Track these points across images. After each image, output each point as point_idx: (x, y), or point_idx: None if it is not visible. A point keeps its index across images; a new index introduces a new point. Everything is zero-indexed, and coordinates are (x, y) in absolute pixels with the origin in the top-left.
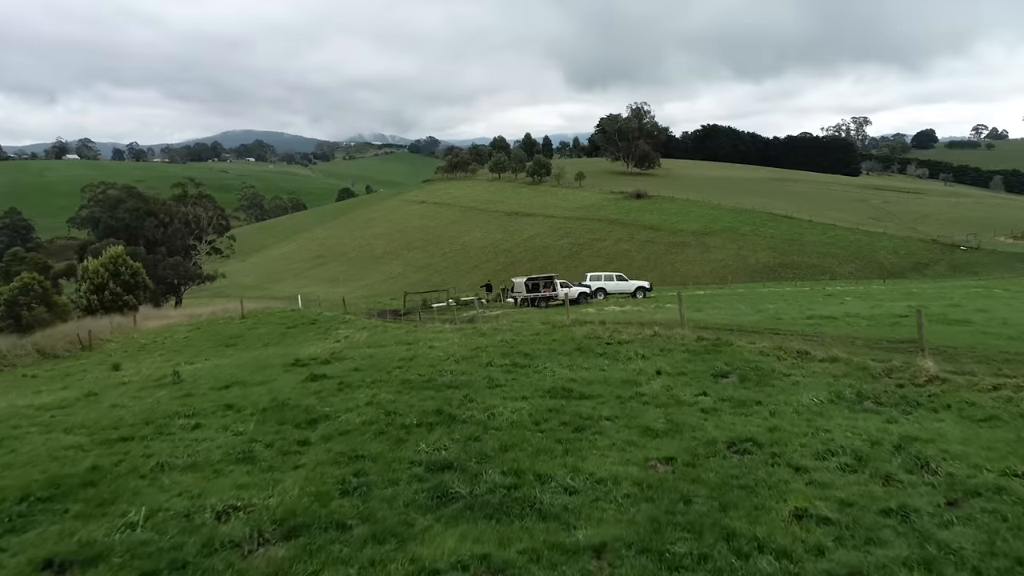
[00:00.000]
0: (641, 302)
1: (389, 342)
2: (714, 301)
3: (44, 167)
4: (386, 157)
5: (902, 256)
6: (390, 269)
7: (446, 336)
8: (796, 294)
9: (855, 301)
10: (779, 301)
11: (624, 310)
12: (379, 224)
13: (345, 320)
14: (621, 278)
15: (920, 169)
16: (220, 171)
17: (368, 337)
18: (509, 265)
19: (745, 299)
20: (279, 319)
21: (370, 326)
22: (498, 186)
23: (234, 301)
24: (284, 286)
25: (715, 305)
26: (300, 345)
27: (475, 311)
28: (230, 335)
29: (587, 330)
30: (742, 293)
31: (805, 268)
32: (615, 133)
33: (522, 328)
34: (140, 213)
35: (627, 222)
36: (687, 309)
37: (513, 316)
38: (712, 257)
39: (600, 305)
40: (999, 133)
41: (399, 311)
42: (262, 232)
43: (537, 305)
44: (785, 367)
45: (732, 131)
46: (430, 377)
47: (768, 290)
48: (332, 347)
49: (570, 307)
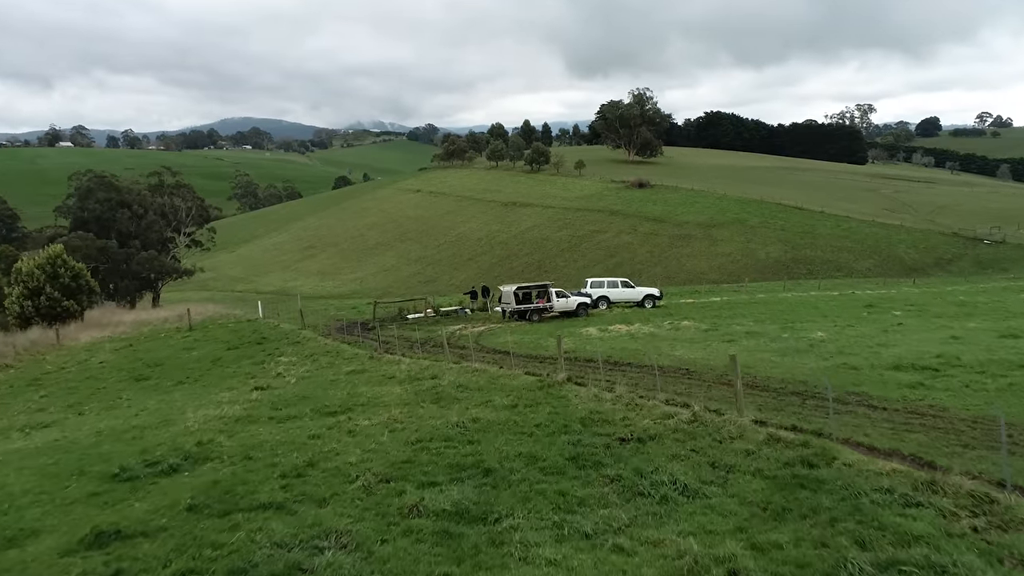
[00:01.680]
0: (653, 317)
1: (316, 393)
2: (738, 315)
3: (36, 154)
4: (384, 145)
5: (922, 251)
6: (383, 261)
7: (392, 391)
8: (829, 304)
9: (912, 320)
10: (817, 318)
11: (634, 333)
12: (373, 214)
13: (297, 340)
14: (627, 284)
15: (926, 158)
16: (215, 159)
17: (300, 381)
18: (505, 258)
19: (771, 311)
20: (226, 335)
21: (319, 352)
22: (495, 175)
23: (209, 299)
24: (271, 279)
25: (741, 323)
26: (216, 385)
27: (453, 329)
28: (156, 360)
29: (588, 400)
30: (763, 299)
31: (819, 263)
32: (616, 120)
33: (496, 379)
34: (112, 204)
35: (629, 213)
36: (704, 323)
37: (496, 338)
38: (720, 251)
39: (603, 322)
40: (1004, 121)
41: (368, 323)
42: (254, 221)
43: (529, 319)
44: (966, 544)
45: (736, 118)
46: None
47: (791, 295)
48: (225, 413)
49: (563, 339)
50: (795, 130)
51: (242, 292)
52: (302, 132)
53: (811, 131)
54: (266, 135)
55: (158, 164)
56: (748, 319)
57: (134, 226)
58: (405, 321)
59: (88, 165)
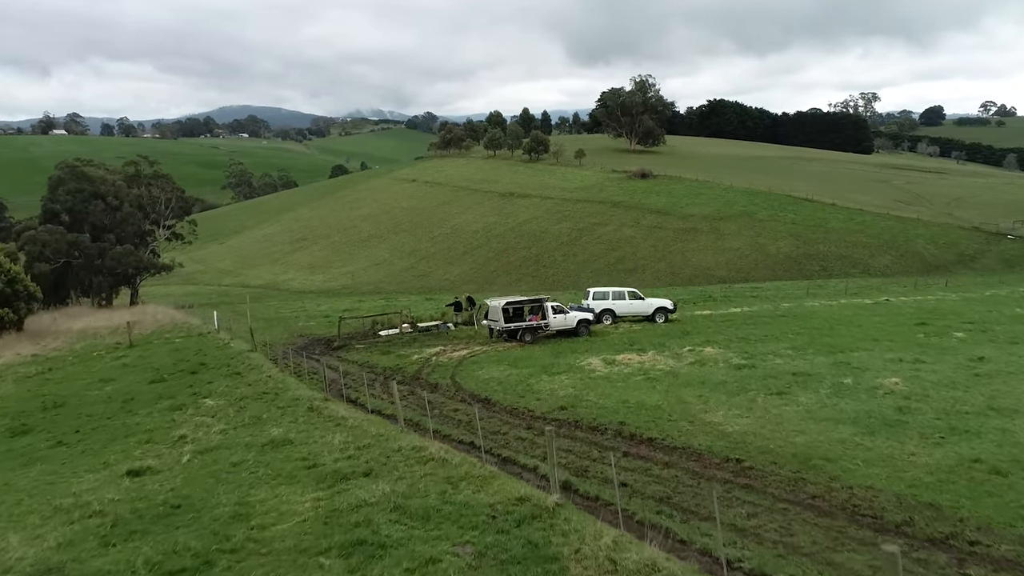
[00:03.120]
0: (668, 339)
1: (196, 498)
2: (769, 337)
3: (29, 143)
4: (383, 133)
5: (942, 247)
6: (375, 254)
7: (301, 504)
8: (871, 319)
9: (988, 348)
10: (867, 343)
11: (648, 370)
12: (366, 204)
13: (238, 370)
14: (635, 296)
15: (931, 147)
16: (211, 147)
17: (197, 458)
18: (502, 252)
19: (807, 331)
20: (163, 357)
21: (254, 394)
22: (493, 164)
23: (193, 293)
24: (261, 272)
25: (777, 349)
26: (95, 454)
27: (430, 352)
28: (59, 398)
29: (602, 560)
30: (790, 311)
31: (833, 259)
32: (618, 108)
33: (456, 487)
34: (85, 195)
35: (631, 205)
36: (733, 350)
37: (479, 369)
38: (727, 246)
39: (609, 347)
40: (1008, 110)
41: (334, 340)
42: (245, 212)
43: (520, 339)
44: None
45: (739, 107)
46: None
47: (818, 304)
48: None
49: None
50: (800, 119)
51: (228, 286)
52: (301, 120)
53: (816, 120)
54: (263, 123)
55: (155, 152)
56: (783, 344)
57: (109, 219)
58: (377, 340)
59: (81, 153)
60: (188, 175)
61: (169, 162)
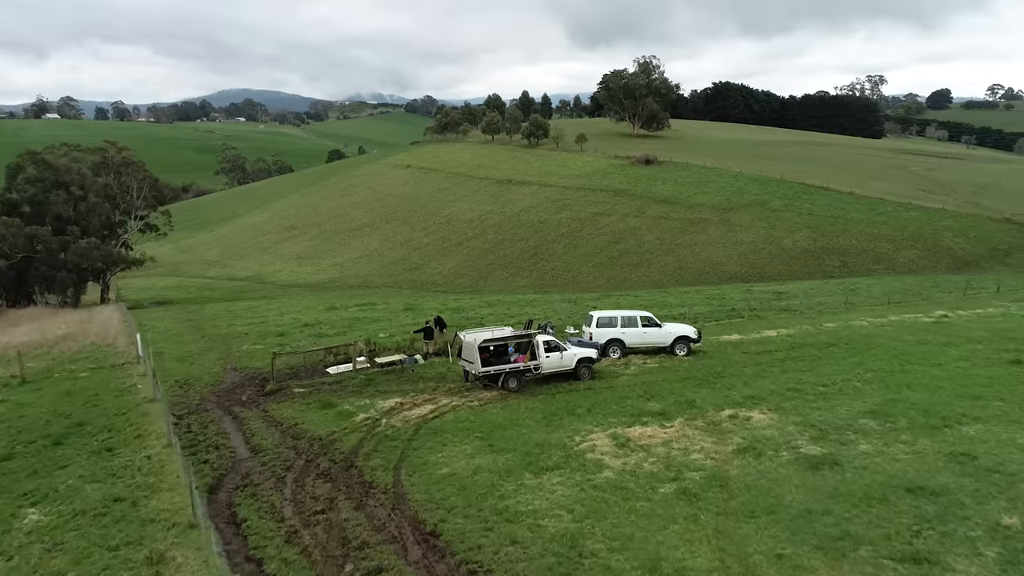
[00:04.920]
0: (699, 388)
1: None
2: (831, 387)
3: (21, 127)
4: (382, 117)
5: (973, 240)
6: (366, 244)
7: None
8: (945, 350)
9: None
10: (965, 400)
11: (674, 459)
12: (359, 191)
13: (112, 444)
14: (649, 322)
15: (940, 131)
16: (206, 131)
17: None
18: (498, 243)
19: (873, 369)
20: (46, 403)
21: (108, 497)
22: (490, 149)
23: (175, 286)
24: (248, 263)
25: (853, 409)
26: None
27: (385, 406)
28: None
29: None
30: (835, 333)
31: (854, 254)
32: (620, 90)
33: None
34: (46, 184)
35: (636, 193)
36: (793, 418)
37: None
38: (739, 238)
39: (621, 408)
40: (1015, 93)
41: (267, 379)
42: (236, 199)
43: (504, 386)
44: None
45: (745, 89)
46: None
47: (868, 323)
48: None
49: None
50: (807, 102)
51: (213, 279)
52: (300, 104)
53: (824, 103)
54: (260, 107)
55: (148, 136)
56: (856, 403)
57: (72, 210)
58: (324, 378)
59: (72, 138)
60: (182, 160)
61: (163, 147)
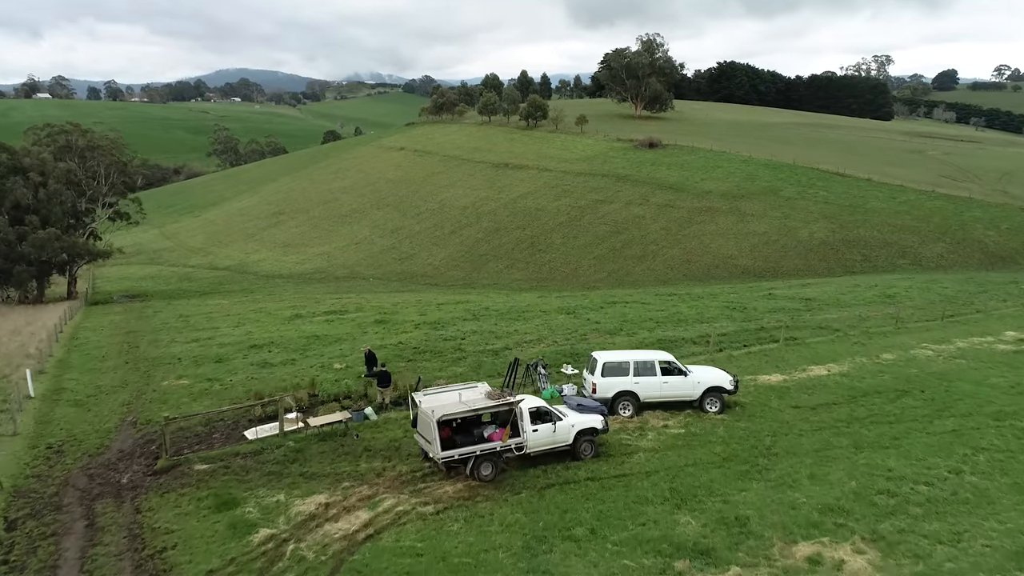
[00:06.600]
0: (745, 483)
1: None
2: (937, 498)
3: (10, 107)
4: (379, 97)
5: (1006, 233)
6: (355, 232)
7: None
8: None
9: None
10: None
11: None
12: (350, 175)
13: None
14: (670, 368)
15: (947, 113)
16: (200, 112)
17: None
18: (493, 232)
19: (971, 442)
20: None
21: None
22: (487, 131)
23: (155, 275)
24: (232, 250)
25: None
26: None
27: (294, 520)
28: None
29: None
30: (904, 373)
31: (876, 247)
32: (623, 70)
33: None
34: (2, 169)
35: (639, 179)
36: (888, 544)
37: None
38: (751, 229)
39: (638, 537)
40: (1022, 74)
41: (158, 454)
42: (226, 182)
43: (473, 474)
44: None
45: (751, 69)
46: None
47: (932, 354)
48: None
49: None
50: (814, 82)
51: (194, 267)
52: (298, 84)
53: (831, 83)
54: (256, 87)
55: (141, 117)
56: (990, 523)
57: (32, 197)
58: (240, 444)
59: (63, 118)
60: (175, 141)
61: (156, 127)
